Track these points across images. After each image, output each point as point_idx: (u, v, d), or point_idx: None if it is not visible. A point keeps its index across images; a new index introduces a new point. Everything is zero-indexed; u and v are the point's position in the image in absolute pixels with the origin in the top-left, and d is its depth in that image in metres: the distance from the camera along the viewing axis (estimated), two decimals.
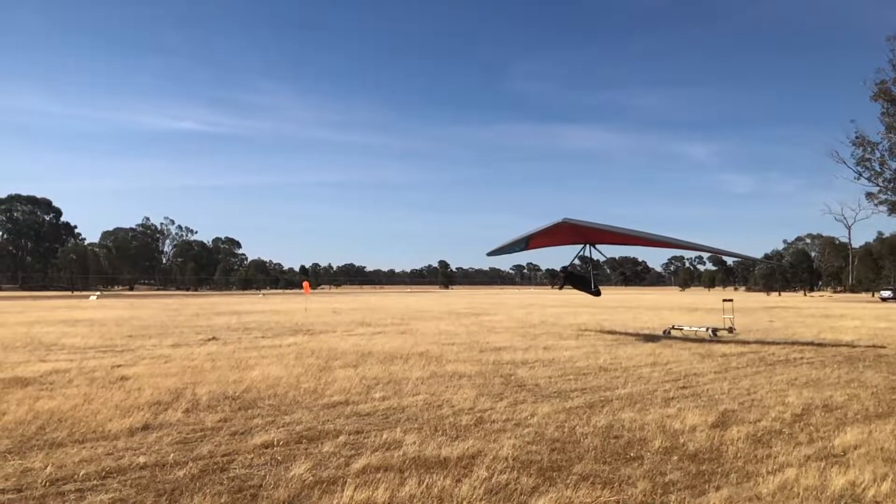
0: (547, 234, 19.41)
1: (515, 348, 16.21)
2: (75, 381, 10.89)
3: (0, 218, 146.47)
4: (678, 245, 18.01)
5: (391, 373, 11.84)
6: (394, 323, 26.38)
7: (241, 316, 32.03)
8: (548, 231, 18.59)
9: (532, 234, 19.56)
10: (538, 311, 36.62)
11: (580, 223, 17.02)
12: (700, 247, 17.30)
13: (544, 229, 18.42)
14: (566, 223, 17.01)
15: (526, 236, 19.95)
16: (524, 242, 20.98)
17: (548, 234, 19.16)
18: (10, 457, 6.33)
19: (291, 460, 6.28)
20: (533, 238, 20.21)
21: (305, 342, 17.92)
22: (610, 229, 17.34)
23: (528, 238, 20.18)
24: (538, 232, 18.95)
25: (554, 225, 17.62)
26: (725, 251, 19.86)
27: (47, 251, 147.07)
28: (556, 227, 17.71)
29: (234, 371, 12.01)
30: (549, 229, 18.29)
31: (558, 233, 18.86)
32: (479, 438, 7.17)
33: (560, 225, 17.38)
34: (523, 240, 20.41)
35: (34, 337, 19.22)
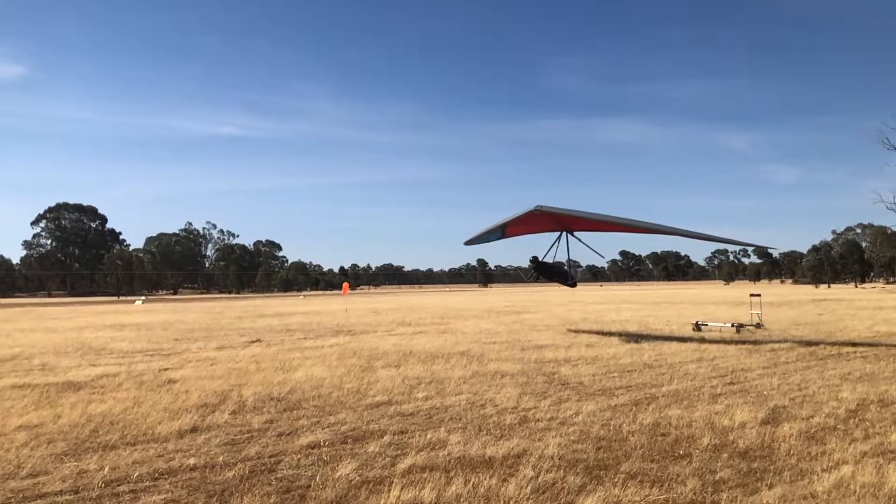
0: (521, 222, 18.60)
1: (557, 346, 16.09)
2: (125, 384, 11.15)
3: (48, 226, 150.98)
4: (662, 231, 16.53)
5: (433, 372, 11.85)
6: (434, 322, 26.43)
7: (283, 318, 32.43)
8: (522, 219, 17.85)
9: (507, 222, 18.71)
10: (579, 309, 36.29)
11: (553, 210, 16.28)
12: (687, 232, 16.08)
13: (518, 217, 17.67)
14: (538, 210, 16.30)
15: (502, 224, 19.05)
16: (500, 230, 20.15)
17: (522, 221, 18.36)
18: (66, 459, 6.50)
19: (337, 461, 6.32)
20: (508, 226, 19.39)
21: (347, 343, 18.05)
22: (586, 216, 16.68)
23: (503, 226, 19.32)
24: (512, 220, 18.17)
25: (527, 213, 16.86)
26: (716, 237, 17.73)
27: (94, 257, 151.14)
28: (529, 214, 16.94)
29: (278, 372, 12.15)
30: (522, 217, 17.54)
31: (533, 221, 18.09)
32: (524, 437, 7.13)
33: (533, 213, 16.63)
34: (499, 228, 19.57)
35: (84, 342, 19.73)
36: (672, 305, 38.61)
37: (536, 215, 16.62)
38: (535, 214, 16.58)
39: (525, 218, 17.42)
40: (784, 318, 25.39)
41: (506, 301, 52.73)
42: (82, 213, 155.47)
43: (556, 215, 16.71)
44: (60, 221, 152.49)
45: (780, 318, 24.81)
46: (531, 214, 16.67)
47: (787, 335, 18.18)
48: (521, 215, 17.01)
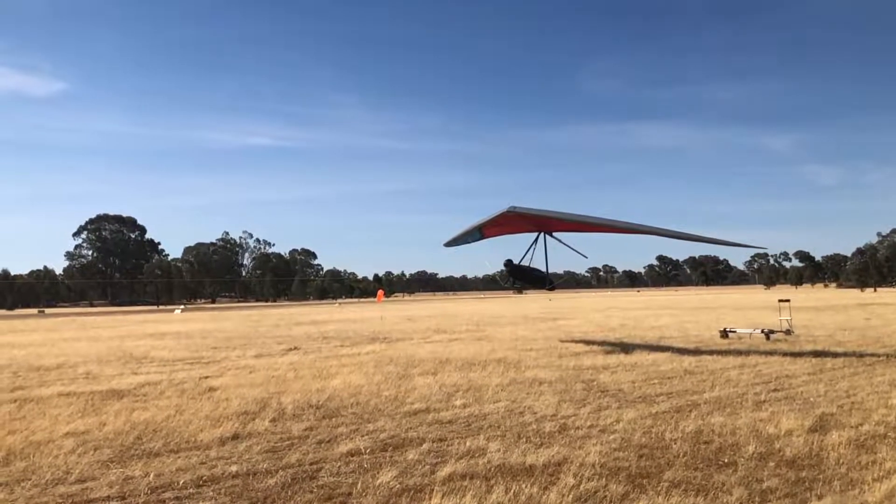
0: (497, 223, 18.00)
1: (595, 353, 15.93)
2: (166, 392, 11.32)
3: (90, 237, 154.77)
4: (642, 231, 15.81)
5: (470, 380, 11.82)
6: (469, 329, 26.39)
7: (319, 325, 32.69)
8: (497, 220, 17.27)
9: (483, 223, 18.11)
10: (617, 315, 35.93)
11: (528, 211, 15.77)
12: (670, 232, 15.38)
13: (493, 218, 17.13)
14: (512, 211, 15.79)
15: (478, 225, 18.46)
16: (478, 232, 19.55)
17: (498, 222, 17.77)
18: (112, 465, 6.62)
19: (377, 468, 6.33)
20: (485, 227, 18.75)
21: (383, 350, 18.11)
22: (562, 216, 16.13)
23: (480, 227, 18.71)
24: (488, 221, 17.59)
25: (500, 214, 16.36)
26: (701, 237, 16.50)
27: (134, 267, 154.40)
28: (503, 216, 16.46)
29: (316, 380, 12.23)
30: (497, 218, 16.99)
31: (509, 222, 17.53)
32: (564, 445, 7.06)
33: (506, 214, 16.11)
34: (476, 229, 18.98)
35: (126, 350, 20.10)
36: (711, 310, 38.00)
37: (510, 216, 16.22)
38: (508, 216, 16.20)
39: (499, 219, 16.96)
40: (829, 323, 24.80)
41: (541, 308, 52.44)
42: (122, 223, 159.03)
43: (531, 216, 16.26)
44: (101, 232, 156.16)
45: (825, 324, 24.23)
46: (505, 215, 16.24)
47: (833, 340, 17.74)
48: (496, 216, 16.51)
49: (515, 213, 15.76)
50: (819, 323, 24.40)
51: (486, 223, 17.66)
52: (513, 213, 15.69)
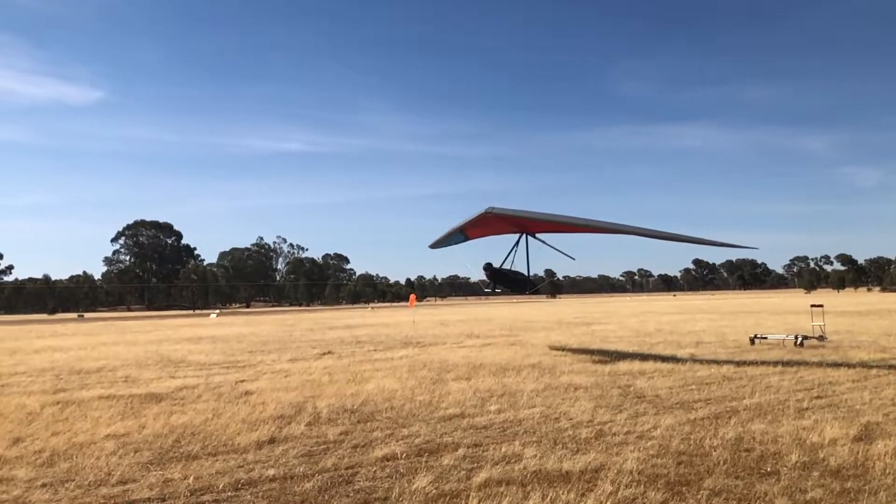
0: (478, 225, 17.49)
1: (631, 358, 15.74)
2: (203, 396, 11.46)
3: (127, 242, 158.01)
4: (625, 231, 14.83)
5: (505, 385, 11.76)
6: (502, 334, 26.30)
7: (352, 329, 32.88)
8: (477, 221, 16.78)
9: (464, 225, 17.59)
10: (653, 319, 35.49)
11: (506, 212, 15.31)
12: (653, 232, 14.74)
13: (473, 220, 16.65)
14: (491, 213, 15.34)
15: (460, 227, 17.95)
16: (461, 234, 19.07)
17: (478, 224, 17.28)
18: (151, 467, 6.72)
19: (413, 473, 6.32)
20: (467, 229, 18.27)
21: (416, 354, 18.13)
22: (541, 217, 15.63)
23: (462, 229, 18.21)
24: (469, 222, 17.11)
25: (479, 215, 15.90)
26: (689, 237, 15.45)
27: (170, 272, 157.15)
28: (483, 217, 15.98)
29: (350, 384, 12.28)
30: (476, 220, 16.52)
31: (489, 223, 17.03)
32: (601, 451, 6.97)
33: (485, 215, 15.66)
34: (458, 230, 18.45)
35: (163, 354, 20.43)
36: (749, 315, 37.33)
37: (489, 217, 15.84)
38: (487, 217, 15.81)
39: (479, 220, 16.56)
40: (873, 328, 24.17)
41: (575, 312, 52.08)
42: (159, 229, 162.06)
43: (510, 217, 15.83)
44: (138, 238, 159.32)
45: (870, 328, 23.64)
46: (484, 217, 15.86)
47: (878, 346, 17.29)
48: (475, 217, 16.19)
49: (494, 214, 15.43)
50: (863, 328, 23.81)
51: (466, 224, 17.30)
52: (491, 213, 15.35)
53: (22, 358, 20.07)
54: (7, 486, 6.21)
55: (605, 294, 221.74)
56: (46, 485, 6.19)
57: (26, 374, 15.63)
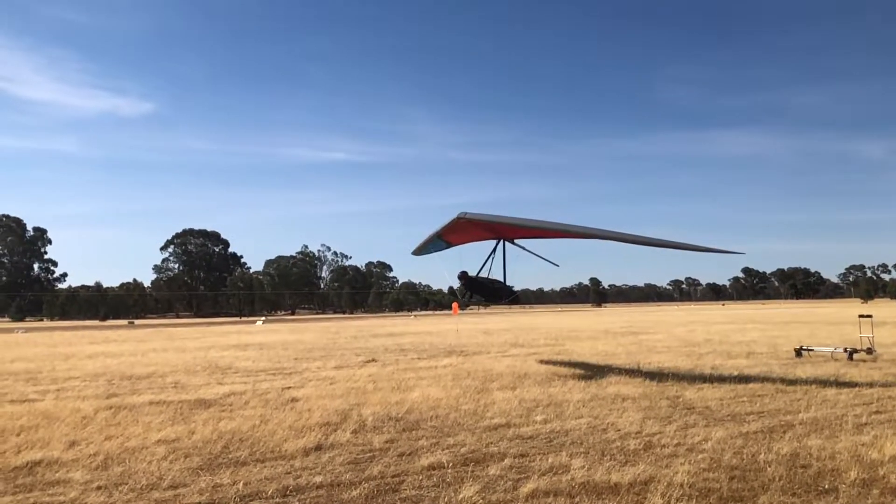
0: (453, 231, 16.82)
1: (680, 368, 15.44)
2: (251, 402, 11.61)
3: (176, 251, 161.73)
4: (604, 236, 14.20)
5: (550, 395, 11.63)
6: (547, 343, 26.06)
7: (395, 337, 32.98)
8: (451, 227, 16.15)
9: (441, 231, 16.90)
10: (702, 329, 34.77)
11: (479, 217, 14.78)
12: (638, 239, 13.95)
13: (447, 226, 16.03)
14: (463, 218, 14.79)
15: (438, 232, 17.18)
16: (440, 240, 18.31)
17: (454, 230, 16.59)
18: (201, 473, 6.82)
19: (459, 482, 6.27)
20: (445, 235, 17.54)
21: (460, 363, 18.08)
22: (515, 222, 14.86)
23: (440, 234, 17.43)
24: (445, 229, 16.45)
25: (453, 221, 15.30)
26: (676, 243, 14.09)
27: (217, 280, 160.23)
28: (456, 223, 15.38)
29: (395, 392, 12.30)
30: (451, 226, 15.88)
31: (465, 229, 16.30)
32: (650, 464, 6.83)
33: (459, 220, 15.07)
34: (436, 237, 17.70)
35: (211, 361, 20.78)
36: (803, 325, 36.27)
37: (463, 223, 15.29)
38: (461, 223, 15.24)
39: (454, 226, 15.93)
40: None
41: (622, 321, 51.35)
42: (206, 238, 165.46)
43: (484, 223, 15.25)
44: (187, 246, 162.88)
45: None
46: (458, 223, 15.31)
47: None
48: (449, 224, 15.64)
49: (467, 220, 14.97)
50: None
51: (443, 231, 16.74)
52: (464, 219, 14.90)
53: (76, 363, 20.62)
54: (64, 487, 6.38)
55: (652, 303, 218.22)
56: (101, 487, 6.33)
57: (80, 378, 16.06)
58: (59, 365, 19.94)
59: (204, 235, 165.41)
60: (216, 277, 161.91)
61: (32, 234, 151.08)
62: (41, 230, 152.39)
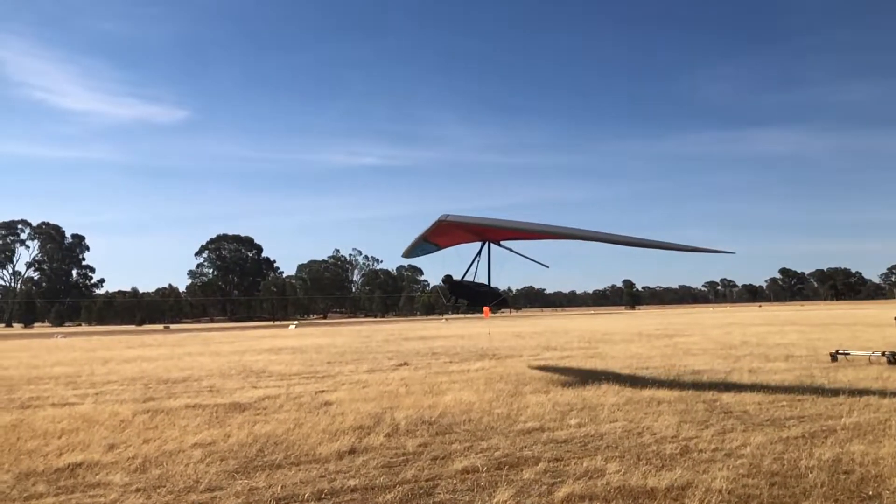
0: (438, 234, 16.47)
1: (717, 371, 15.20)
2: (285, 406, 11.69)
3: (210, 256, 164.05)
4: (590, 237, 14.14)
5: (584, 398, 11.52)
6: (580, 346, 25.85)
7: (427, 341, 32.99)
8: (435, 230, 15.81)
9: (426, 234, 16.55)
10: (738, 331, 34.19)
11: (461, 219, 14.50)
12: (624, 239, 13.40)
13: (431, 229, 15.70)
14: (445, 220, 14.49)
15: (422, 236, 16.87)
16: (428, 243, 17.98)
17: (438, 233, 16.30)
18: (237, 476, 6.88)
19: (494, 487, 6.25)
20: (430, 238, 17.17)
21: (493, 367, 18.02)
22: (497, 224, 14.70)
23: (426, 237, 17.07)
24: (429, 231, 16.10)
25: (435, 224, 15.01)
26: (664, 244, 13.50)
27: (251, 284, 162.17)
28: (438, 226, 15.08)
29: (427, 396, 12.29)
30: (434, 229, 15.62)
31: (447, 232, 16.01)
32: (687, 469, 6.73)
33: (441, 223, 14.76)
34: (422, 239, 17.36)
35: (245, 365, 20.98)
36: (844, 327, 35.41)
37: (445, 226, 15.02)
38: (444, 225, 14.95)
39: (438, 229, 15.62)
40: None
41: (656, 323, 50.72)
42: (240, 243, 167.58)
43: (467, 225, 14.95)
44: (221, 252, 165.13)
45: None
46: (440, 225, 15.00)
47: None
48: (433, 226, 15.34)
49: (449, 222, 14.70)
50: None
51: (427, 233, 16.44)
52: (446, 221, 14.64)
53: (113, 367, 20.98)
54: (104, 489, 6.49)
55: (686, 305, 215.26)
56: (140, 490, 6.43)
57: (118, 382, 16.33)
58: (98, 369, 20.31)
59: (237, 241, 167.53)
60: (249, 282, 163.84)
61: (71, 240, 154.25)
62: (79, 237, 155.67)
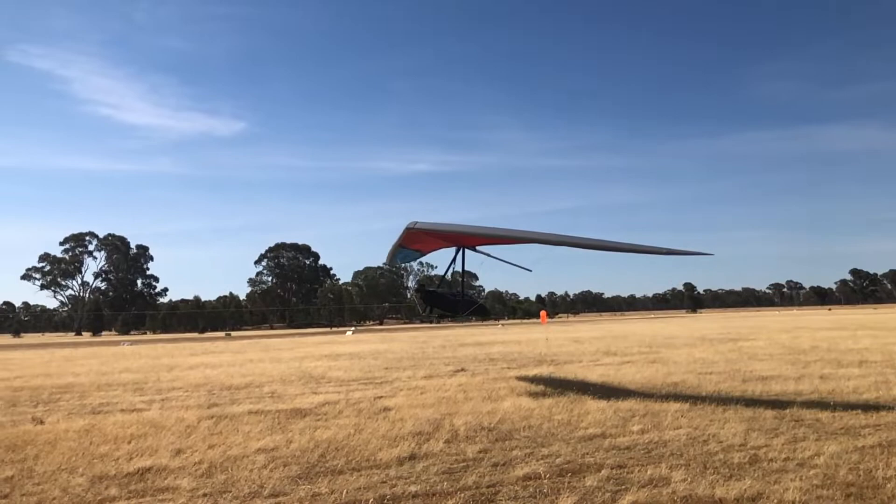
0: (413, 241, 15.87)
1: (785, 377, 14.66)
2: (344, 412, 11.79)
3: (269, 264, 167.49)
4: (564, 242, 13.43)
5: (647, 404, 11.28)
6: (641, 351, 25.35)
7: (484, 347, 32.85)
8: (408, 237, 15.20)
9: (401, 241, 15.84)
10: (807, 335, 32.98)
11: (430, 226, 14.01)
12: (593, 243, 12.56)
13: (403, 236, 15.11)
14: (414, 227, 14.02)
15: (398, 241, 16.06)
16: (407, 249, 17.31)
17: (411, 240, 15.69)
18: (300, 481, 6.96)
19: (556, 493, 6.16)
20: (405, 244, 16.41)
21: (551, 373, 17.84)
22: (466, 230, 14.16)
23: (401, 244, 16.34)
24: (402, 238, 15.46)
25: (405, 231, 14.50)
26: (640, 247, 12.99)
27: (308, 292, 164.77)
28: (408, 233, 14.57)
29: (486, 402, 12.23)
30: (405, 236, 15.01)
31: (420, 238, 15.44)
32: (757, 479, 6.50)
33: (409, 230, 14.27)
34: (398, 245, 16.50)
35: (305, 371, 21.25)
36: None
37: (416, 233, 14.50)
38: (414, 232, 14.43)
39: (409, 236, 15.06)
40: None
41: (719, 327, 49.35)
42: (298, 251, 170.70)
43: (436, 231, 14.47)
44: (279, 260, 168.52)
45: None
46: (410, 232, 14.50)
47: None
48: (403, 234, 14.78)
49: (419, 230, 14.25)
50: None
51: (401, 241, 15.78)
52: (415, 229, 14.18)
53: (178, 374, 21.54)
54: (173, 494, 6.65)
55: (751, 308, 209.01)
56: (207, 494, 6.56)
57: (183, 389, 16.76)
58: (163, 376, 20.89)
59: (295, 249, 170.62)
60: (307, 289, 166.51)
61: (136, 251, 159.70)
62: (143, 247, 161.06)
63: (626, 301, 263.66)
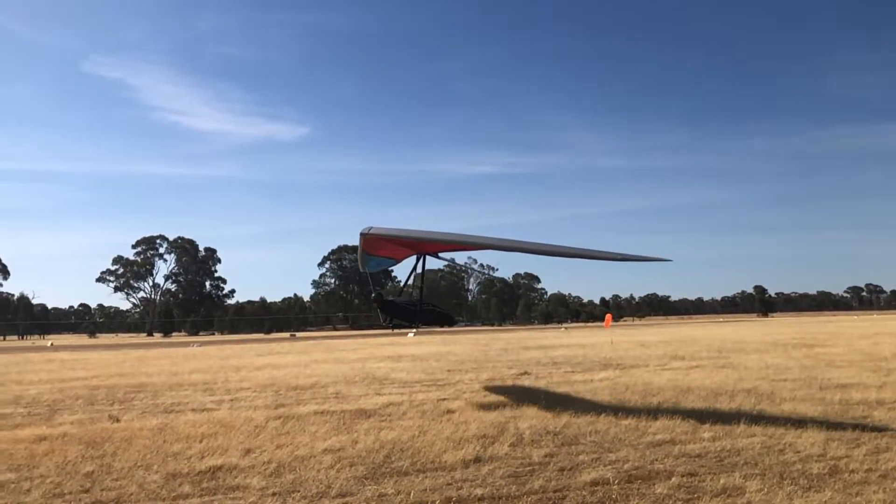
0: (373, 247, 15.21)
1: (866, 385, 14.00)
2: (408, 413, 11.85)
3: (332, 266, 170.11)
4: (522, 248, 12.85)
5: (717, 410, 10.96)
6: (710, 356, 24.64)
7: (547, 350, 32.55)
8: (367, 243, 14.63)
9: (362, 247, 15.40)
10: (889, 341, 31.41)
11: (384, 232, 13.40)
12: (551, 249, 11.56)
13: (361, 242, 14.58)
14: (368, 234, 13.43)
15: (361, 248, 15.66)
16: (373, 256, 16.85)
17: (373, 246, 15.07)
18: (366, 482, 7.02)
19: (625, 500, 6.04)
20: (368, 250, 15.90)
21: (617, 377, 17.50)
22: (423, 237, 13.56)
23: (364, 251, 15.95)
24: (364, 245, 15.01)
25: (361, 237, 13.94)
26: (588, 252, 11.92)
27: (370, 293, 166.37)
28: (365, 239, 13.99)
29: (550, 405, 12.07)
30: (364, 242, 14.45)
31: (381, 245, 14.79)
32: (838, 491, 6.22)
33: (365, 236, 13.67)
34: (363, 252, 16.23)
35: (368, 372, 21.45)
36: None
37: (374, 239, 13.86)
38: (369, 238, 13.81)
39: (369, 242, 14.48)
40: None
41: (793, 332, 47.57)
42: None
43: (392, 238, 13.87)
44: (342, 262, 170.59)
45: None
46: (365, 238, 13.92)
47: None
48: (361, 240, 14.23)
49: (373, 235, 13.63)
50: None
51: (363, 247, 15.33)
52: (369, 234, 13.60)
53: (246, 375, 22.01)
54: (243, 493, 6.79)
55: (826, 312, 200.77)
56: (276, 494, 6.68)
57: (251, 389, 17.11)
58: (232, 376, 21.38)
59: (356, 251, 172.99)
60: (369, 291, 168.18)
61: (204, 254, 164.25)
62: (211, 250, 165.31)
63: (693, 304, 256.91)
